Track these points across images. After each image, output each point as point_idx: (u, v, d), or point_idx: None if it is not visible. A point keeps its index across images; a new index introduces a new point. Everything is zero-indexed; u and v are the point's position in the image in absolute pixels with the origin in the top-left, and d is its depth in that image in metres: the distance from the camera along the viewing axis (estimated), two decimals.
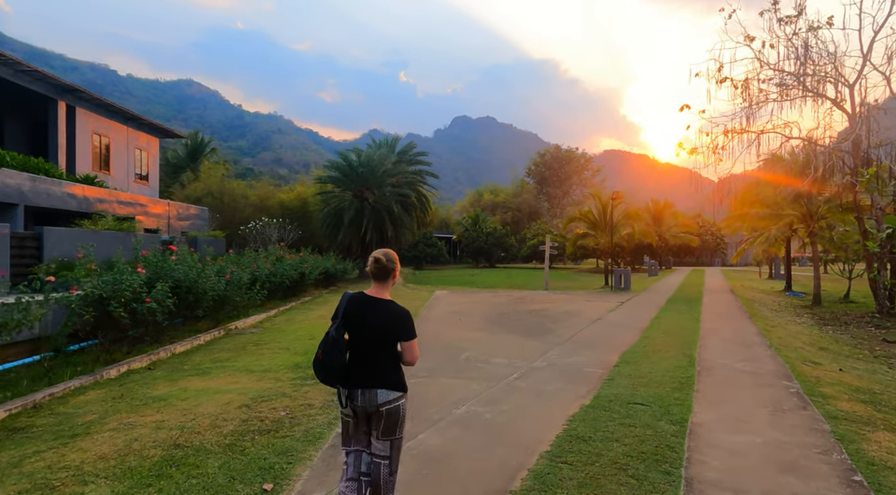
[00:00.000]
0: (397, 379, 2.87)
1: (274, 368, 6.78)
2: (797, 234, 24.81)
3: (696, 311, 13.97)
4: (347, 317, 2.83)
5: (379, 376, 2.82)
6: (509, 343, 9.16)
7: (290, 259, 16.53)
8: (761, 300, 19.51)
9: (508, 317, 12.59)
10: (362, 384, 2.81)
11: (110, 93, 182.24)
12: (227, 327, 10.03)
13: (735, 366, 7.37)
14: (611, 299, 17.11)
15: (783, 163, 19.82)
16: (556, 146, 74.93)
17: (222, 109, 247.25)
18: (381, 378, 2.82)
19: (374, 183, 26.33)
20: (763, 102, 16.61)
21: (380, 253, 2.92)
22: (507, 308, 14.40)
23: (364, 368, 2.82)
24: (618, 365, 7.32)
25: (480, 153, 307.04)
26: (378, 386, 2.81)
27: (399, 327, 2.82)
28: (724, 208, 24.90)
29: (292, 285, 15.11)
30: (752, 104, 16.84)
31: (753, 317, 13.28)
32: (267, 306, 13.77)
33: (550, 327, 10.98)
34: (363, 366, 2.82)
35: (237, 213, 37.76)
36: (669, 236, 41.13)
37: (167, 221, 24.89)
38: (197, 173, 44.26)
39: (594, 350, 8.51)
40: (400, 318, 2.84)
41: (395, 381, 2.85)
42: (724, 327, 11.23)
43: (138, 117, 24.80)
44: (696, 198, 32.50)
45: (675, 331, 10.41)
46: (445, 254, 49.16)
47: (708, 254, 58.90)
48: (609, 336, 9.94)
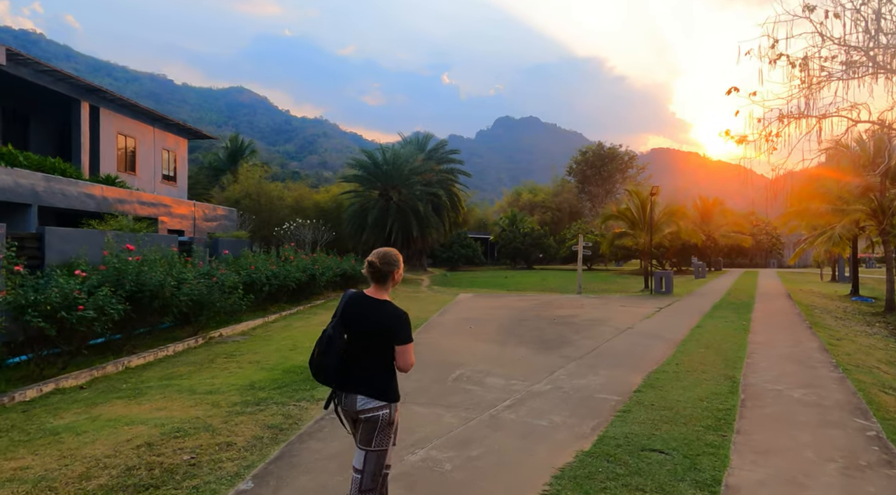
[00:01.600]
0: (384, 386, 2.69)
1: (222, 389, 5.77)
2: (865, 233, 22.29)
3: (745, 320, 12.24)
4: (345, 316, 2.73)
5: (363, 381, 2.68)
6: (517, 357, 7.88)
7: (303, 260, 15.71)
8: (823, 306, 17.38)
9: (526, 324, 11.26)
10: (346, 387, 2.71)
11: (167, 101, 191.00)
12: (210, 335, 9.17)
13: (791, 394, 5.86)
14: (648, 305, 15.46)
15: (849, 152, 17.63)
16: (598, 143, 72.30)
17: (271, 115, 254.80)
18: (364, 383, 2.68)
19: (400, 181, 25.42)
20: (825, 81, 14.63)
21: (375, 255, 2.80)
22: (528, 313, 13.07)
23: (351, 370, 2.71)
24: (640, 389, 5.94)
25: (523, 154, 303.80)
26: (359, 392, 2.67)
27: (392, 329, 2.68)
28: (780, 204, 22.67)
29: (299, 288, 14.25)
30: (811, 85, 14.87)
31: (814, 326, 11.47)
32: (271, 310, 12.95)
33: (571, 338, 9.60)
34: (350, 369, 2.71)
35: (274, 215, 37.87)
36: (719, 236, 38.37)
37: (192, 222, 24.68)
38: (236, 175, 44.83)
39: (615, 368, 7.13)
40: (394, 319, 2.69)
41: (379, 388, 2.68)
42: (777, 339, 9.56)
43: (165, 118, 24.71)
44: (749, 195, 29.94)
45: (717, 345, 8.86)
46: (481, 256, 47.91)
47: (762, 255, 55.19)
48: (637, 350, 8.49)
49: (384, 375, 2.72)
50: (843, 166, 17.52)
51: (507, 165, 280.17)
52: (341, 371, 2.70)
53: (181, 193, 26.76)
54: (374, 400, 2.66)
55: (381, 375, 2.71)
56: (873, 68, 15.44)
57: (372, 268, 2.76)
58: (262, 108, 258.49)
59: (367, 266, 2.78)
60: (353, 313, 2.72)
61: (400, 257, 2.89)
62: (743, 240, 39.29)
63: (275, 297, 13.19)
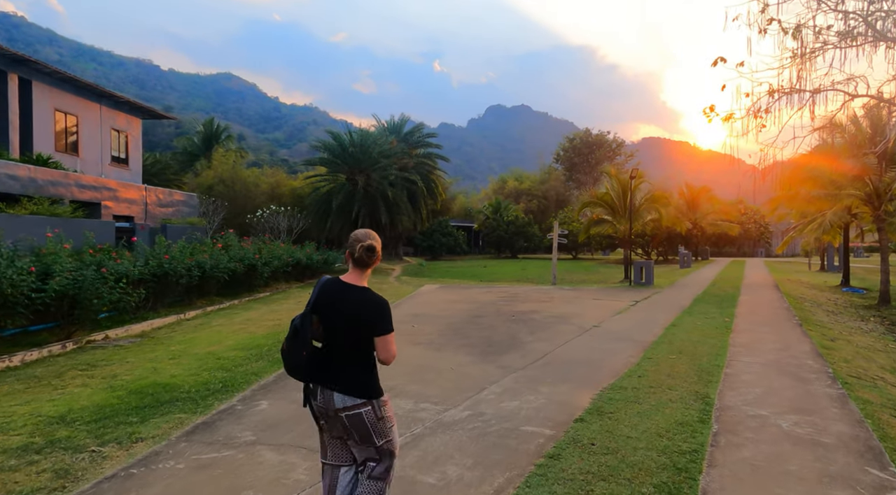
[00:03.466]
0: (365, 382, 2.47)
1: (13, 424, 4.30)
2: (858, 220, 21.09)
3: (727, 315, 10.91)
4: (318, 305, 2.49)
5: (341, 377, 2.45)
6: (448, 367, 6.46)
7: (245, 248, 14.17)
8: (813, 298, 16.14)
9: (479, 322, 9.85)
10: (322, 383, 2.47)
11: (153, 87, 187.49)
12: (90, 338, 7.66)
13: (779, 424, 4.48)
14: (623, 297, 14.11)
15: (843, 132, 16.29)
16: (586, 130, 71.02)
17: (260, 102, 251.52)
18: (342, 379, 2.45)
19: (368, 165, 23.81)
20: (820, 50, 13.21)
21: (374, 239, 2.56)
22: (487, 309, 11.65)
23: (327, 365, 2.48)
24: (583, 418, 4.54)
25: (515, 142, 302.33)
26: (336, 389, 2.43)
27: (372, 318, 2.44)
28: (768, 189, 21.37)
29: (234, 280, 12.73)
30: (804, 54, 13.45)
31: (805, 323, 10.16)
32: (197, 305, 11.45)
33: (524, 340, 8.20)
34: (327, 363, 2.48)
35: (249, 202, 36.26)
36: (706, 224, 37.16)
37: (143, 208, 22.98)
38: (210, 161, 43.13)
39: (562, 382, 5.73)
40: (374, 307, 2.46)
41: (359, 385, 2.45)
42: (763, 341, 8.22)
43: (113, 95, 22.89)
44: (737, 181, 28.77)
45: (692, 349, 7.48)
46: (462, 244, 46.59)
47: (750, 244, 54.23)
48: (596, 356, 7.10)
49: (364, 369, 2.48)
50: (837, 147, 16.19)
51: (499, 154, 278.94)
52: (315, 365, 2.49)
53: (134, 177, 24.98)
54: (354, 398, 2.43)
55: (360, 369, 2.48)
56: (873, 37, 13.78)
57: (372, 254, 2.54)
58: (251, 94, 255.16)
59: (367, 250, 2.52)
60: (329, 301, 2.50)
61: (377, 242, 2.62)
62: (730, 229, 38.14)
63: (201, 290, 11.68)
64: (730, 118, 14.33)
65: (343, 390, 2.42)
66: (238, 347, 7.24)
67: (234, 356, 6.73)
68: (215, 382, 5.48)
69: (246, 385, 5.50)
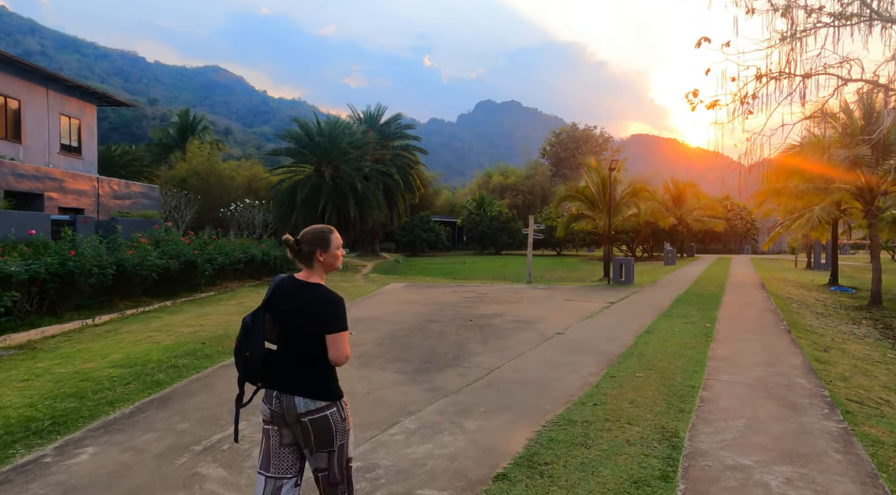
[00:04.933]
0: (326, 383, 2.33)
1: None
2: (847, 216, 20.20)
3: (709, 319, 9.84)
4: (271, 302, 2.38)
5: (299, 379, 2.31)
6: (366, 389, 5.28)
7: (183, 243, 12.88)
8: (801, 298, 15.19)
9: (430, 329, 8.68)
10: (279, 386, 2.32)
11: (139, 79, 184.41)
12: None
13: (767, 482, 3.35)
14: (598, 298, 13.02)
15: (836, 119, 15.29)
16: (572, 124, 70.10)
17: (248, 95, 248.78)
18: (300, 381, 2.30)
19: (337, 156, 22.47)
20: (812, 30, 12.14)
21: (301, 233, 2.46)
22: (446, 312, 10.49)
23: (282, 367, 2.33)
24: (507, 474, 3.37)
25: (504, 138, 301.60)
26: (296, 392, 2.28)
27: (322, 316, 2.29)
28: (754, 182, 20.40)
29: (168, 279, 11.44)
30: (795, 34, 12.37)
31: (794, 329, 9.11)
32: (118, 307, 10.18)
33: (472, 351, 7.04)
34: (283, 365, 2.33)
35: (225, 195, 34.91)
36: (691, 220, 36.26)
37: (95, 200, 21.52)
38: (185, 153, 41.58)
39: (499, 412, 4.58)
40: (325, 305, 2.32)
41: (319, 387, 2.31)
42: (747, 352, 7.13)
43: (62, 78, 21.34)
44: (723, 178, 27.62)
45: (664, 363, 6.37)
46: (444, 240, 45.44)
47: (737, 241, 53.60)
48: (549, 374, 5.95)
49: (323, 370, 2.32)
50: (828, 138, 15.20)
51: (489, 149, 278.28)
52: (271, 367, 2.33)
53: (88, 167, 23.43)
54: (317, 401, 2.28)
55: (319, 371, 2.32)
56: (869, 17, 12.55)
57: (289, 248, 2.45)
58: (239, 88, 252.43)
59: (284, 244, 2.47)
60: (280, 299, 2.38)
61: (332, 235, 2.45)
62: (716, 225, 37.31)
63: (124, 291, 10.39)
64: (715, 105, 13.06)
65: (305, 393, 2.29)
66: (121, 364, 6.01)
67: (105, 376, 5.49)
68: (44, 418, 4.25)
69: (88, 420, 4.28)
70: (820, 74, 12.61)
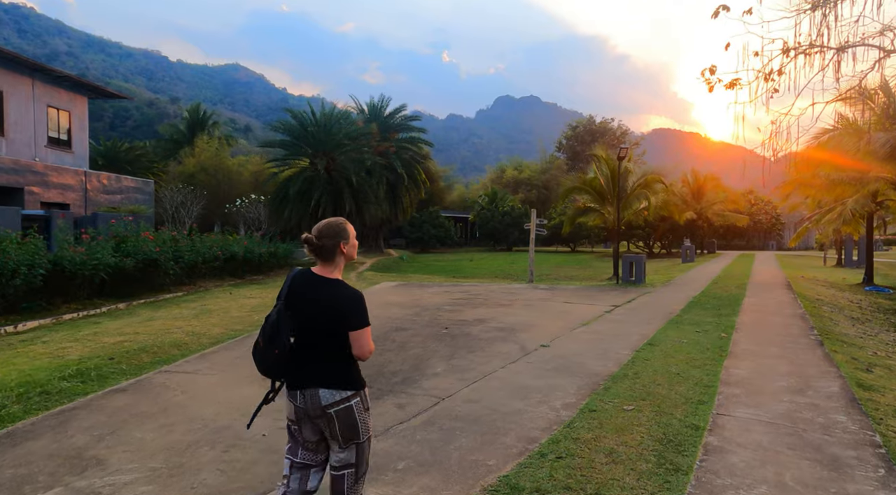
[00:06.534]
0: (346, 375, 2.35)
1: None
2: (884, 208, 18.45)
3: (725, 327, 8.46)
4: (290, 298, 2.36)
5: (322, 372, 2.32)
6: (263, 430, 4.10)
7: (146, 238, 11.87)
8: (832, 300, 13.63)
9: (393, 338, 7.46)
10: (302, 382, 2.33)
11: (161, 78, 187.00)
12: None
13: None
14: (602, 300, 11.66)
15: (872, 99, 13.63)
16: (589, 117, 68.12)
17: (267, 93, 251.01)
18: (324, 374, 2.32)
19: (332, 148, 21.33)
20: None
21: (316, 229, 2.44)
22: (422, 317, 9.26)
23: (304, 363, 2.34)
24: None
25: (523, 133, 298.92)
26: (319, 385, 2.31)
27: (345, 313, 2.32)
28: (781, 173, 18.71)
29: (123, 278, 10.43)
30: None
31: (827, 339, 7.69)
32: (61, 309, 9.18)
33: (431, 370, 5.81)
34: (303, 360, 2.34)
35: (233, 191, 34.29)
36: (712, 214, 34.38)
37: (83, 195, 20.78)
38: (194, 149, 41.17)
39: (421, 474, 3.34)
40: (347, 302, 2.34)
41: (342, 378, 2.34)
42: (771, 373, 5.77)
43: (49, 69, 20.57)
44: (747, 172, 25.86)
45: (664, 389, 5.05)
46: (454, 236, 44.23)
47: (761, 237, 51.25)
48: (516, 402, 4.69)
49: (345, 362, 2.36)
50: (866, 122, 13.57)
51: (507, 145, 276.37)
52: (293, 363, 2.33)
53: (79, 161, 22.68)
54: (341, 391, 2.32)
55: (341, 363, 2.35)
56: None
57: (310, 246, 2.40)
58: (259, 85, 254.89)
59: (304, 243, 2.42)
60: (299, 295, 2.36)
61: (347, 228, 2.47)
62: (739, 220, 35.35)
63: (66, 293, 9.39)
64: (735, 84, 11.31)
65: (329, 384, 2.31)
66: None
67: None
68: None
69: None
70: (857, 45, 10.86)
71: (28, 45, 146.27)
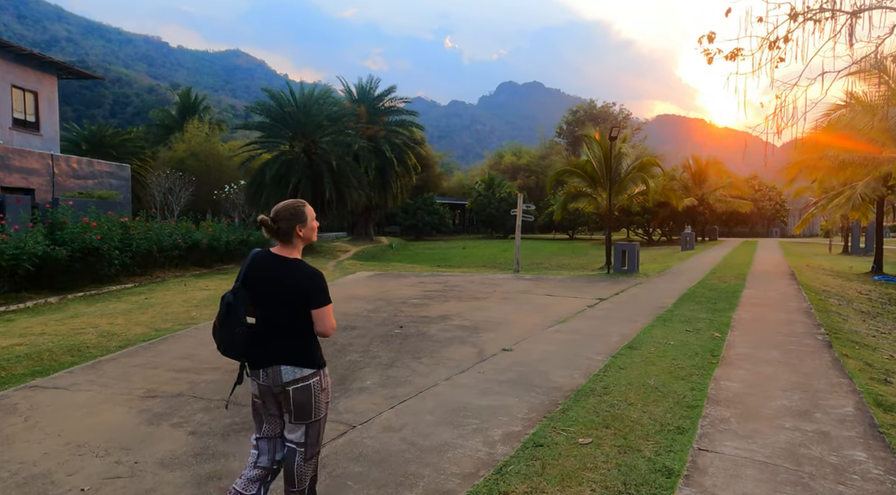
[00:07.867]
0: (307, 353, 2.35)
1: None
2: (892, 194, 17.27)
3: (720, 324, 7.44)
4: (248, 278, 2.37)
5: (283, 349, 2.33)
6: (81, 485, 3.12)
7: (86, 224, 10.85)
8: (840, 291, 12.58)
9: (330, 343, 6.48)
10: (264, 360, 2.34)
11: (161, 64, 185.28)
12: None
13: None
14: (587, 292, 10.64)
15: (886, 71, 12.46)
16: (590, 101, 66.58)
17: (269, 79, 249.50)
18: (285, 352, 2.33)
19: (312, 130, 20.20)
20: None
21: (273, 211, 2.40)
22: (379, 314, 8.26)
23: (266, 341, 2.35)
24: None
25: (526, 120, 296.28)
26: (281, 362, 2.32)
27: (306, 290, 2.31)
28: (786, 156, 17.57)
29: (58, 269, 9.45)
30: None
31: (836, 339, 6.68)
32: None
33: (359, 383, 4.82)
34: (265, 339, 2.35)
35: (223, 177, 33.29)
36: (714, 200, 33.17)
37: (50, 179, 19.77)
38: (184, 134, 40.21)
39: None
40: (307, 280, 2.33)
41: (303, 356, 2.34)
42: (770, 386, 4.75)
43: (14, 47, 19.49)
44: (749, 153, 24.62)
45: (634, 412, 4.04)
46: (449, 223, 43.14)
47: (764, 223, 50.01)
48: (443, 433, 3.70)
49: (305, 340, 2.36)
50: (881, 96, 12.42)
51: (510, 131, 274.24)
52: (253, 343, 2.35)
53: (48, 144, 21.64)
54: (302, 369, 2.33)
55: (302, 340, 2.35)
56: None
57: (266, 228, 2.39)
58: (260, 71, 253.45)
59: (261, 224, 2.40)
60: (258, 276, 2.37)
61: (305, 208, 2.42)
62: (741, 206, 34.14)
63: None
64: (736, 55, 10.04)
65: (291, 361, 2.31)
66: None
67: None
68: None
69: None
70: (874, 8, 9.62)
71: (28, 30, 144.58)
